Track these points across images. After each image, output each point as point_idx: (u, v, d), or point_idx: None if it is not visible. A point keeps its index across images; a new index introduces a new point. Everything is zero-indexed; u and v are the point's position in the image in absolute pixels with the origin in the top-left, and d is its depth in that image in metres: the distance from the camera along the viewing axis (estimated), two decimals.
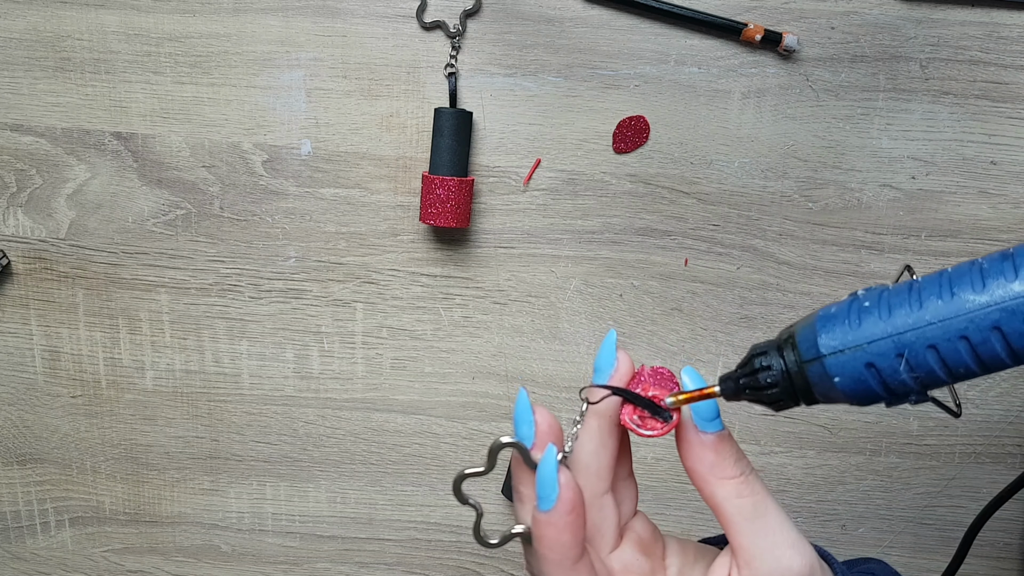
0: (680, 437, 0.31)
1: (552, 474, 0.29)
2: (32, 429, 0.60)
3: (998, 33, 0.51)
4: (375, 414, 0.58)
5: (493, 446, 0.30)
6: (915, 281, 0.27)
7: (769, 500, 0.30)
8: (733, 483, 0.30)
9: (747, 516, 0.30)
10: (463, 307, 0.56)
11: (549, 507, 0.29)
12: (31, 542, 0.62)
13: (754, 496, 0.30)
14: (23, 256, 0.56)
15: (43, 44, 0.53)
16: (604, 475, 0.32)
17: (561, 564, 0.29)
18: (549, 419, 0.31)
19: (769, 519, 0.30)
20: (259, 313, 0.57)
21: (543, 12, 0.51)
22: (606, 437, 0.31)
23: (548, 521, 0.29)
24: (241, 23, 0.52)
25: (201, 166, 0.54)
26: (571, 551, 0.29)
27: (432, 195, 0.51)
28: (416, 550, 0.61)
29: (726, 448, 0.30)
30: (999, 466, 0.58)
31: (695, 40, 0.51)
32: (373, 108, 0.53)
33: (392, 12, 0.52)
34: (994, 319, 0.25)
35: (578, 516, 0.29)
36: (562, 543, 0.29)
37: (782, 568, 0.29)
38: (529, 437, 0.31)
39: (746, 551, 0.30)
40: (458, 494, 0.31)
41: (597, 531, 0.32)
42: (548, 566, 0.29)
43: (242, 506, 0.60)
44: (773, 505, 0.30)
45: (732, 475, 0.30)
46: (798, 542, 0.30)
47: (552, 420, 0.31)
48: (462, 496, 0.31)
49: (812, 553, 0.30)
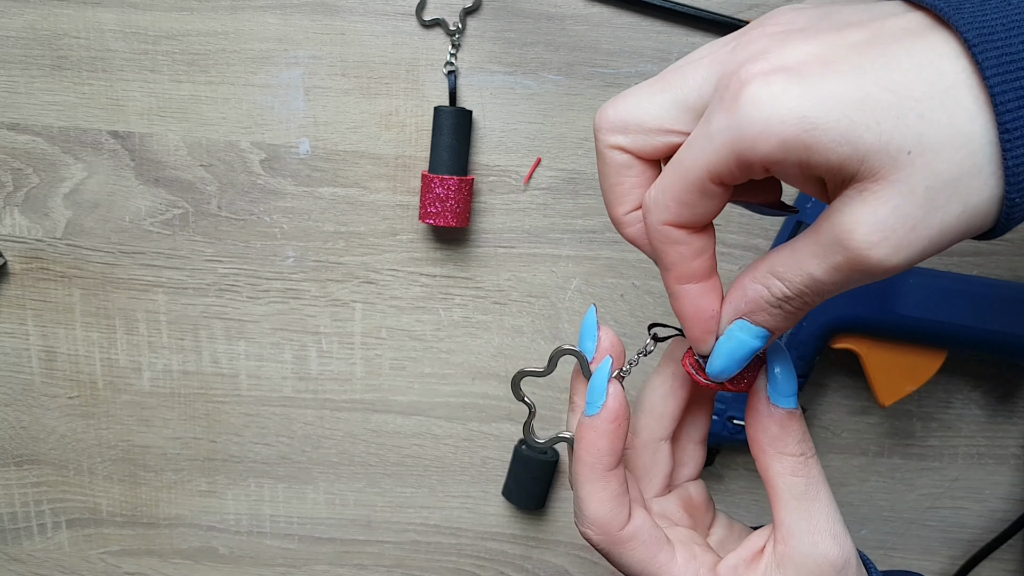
0: (750, 404, 0.31)
1: (603, 383, 0.30)
2: (28, 430, 0.59)
3: None
4: (374, 415, 0.58)
5: (555, 352, 0.32)
6: None
7: (823, 487, 0.30)
8: (791, 460, 0.30)
9: (796, 495, 0.30)
10: (463, 307, 0.56)
11: (594, 413, 0.30)
12: (28, 544, 0.61)
13: (808, 478, 0.30)
14: (19, 256, 0.56)
15: (40, 42, 0.52)
16: (666, 422, 0.33)
17: (593, 468, 0.30)
18: (612, 338, 0.32)
19: (818, 504, 0.30)
20: (257, 313, 0.56)
21: (543, 10, 0.51)
22: (677, 387, 0.33)
23: (590, 425, 0.30)
24: (239, 21, 0.52)
25: (199, 165, 0.54)
26: (606, 458, 0.30)
27: (432, 194, 0.51)
28: (415, 552, 0.60)
29: (793, 425, 0.30)
30: (1002, 467, 0.57)
31: (697, 38, 0.51)
32: (372, 106, 0.53)
33: (391, 10, 0.51)
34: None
35: (619, 427, 0.30)
36: (599, 448, 0.30)
37: (818, 554, 0.29)
38: (591, 351, 0.31)
39: (787, 528, 0.30)
40: (516, 391, 0.33)
41: (646, 473, 0.34)
42: (582, 468, 0.30)
43: (240, 508, 0.60)
44: (825, 493, 0.30)
45: (792, 453, 0.30)
46: (841, 535, 0.30)
47: (615, 339, 0.32)
48: (519, 393, 0.33)
49: (852, 549, 0.30)
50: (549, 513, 0.60)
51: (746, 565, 0.31)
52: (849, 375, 0.56)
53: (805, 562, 0.29)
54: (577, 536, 0.60)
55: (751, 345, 0.28)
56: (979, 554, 0.57)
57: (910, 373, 0.51)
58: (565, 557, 0.60)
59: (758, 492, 0.59)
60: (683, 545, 0.31)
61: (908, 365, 0.51)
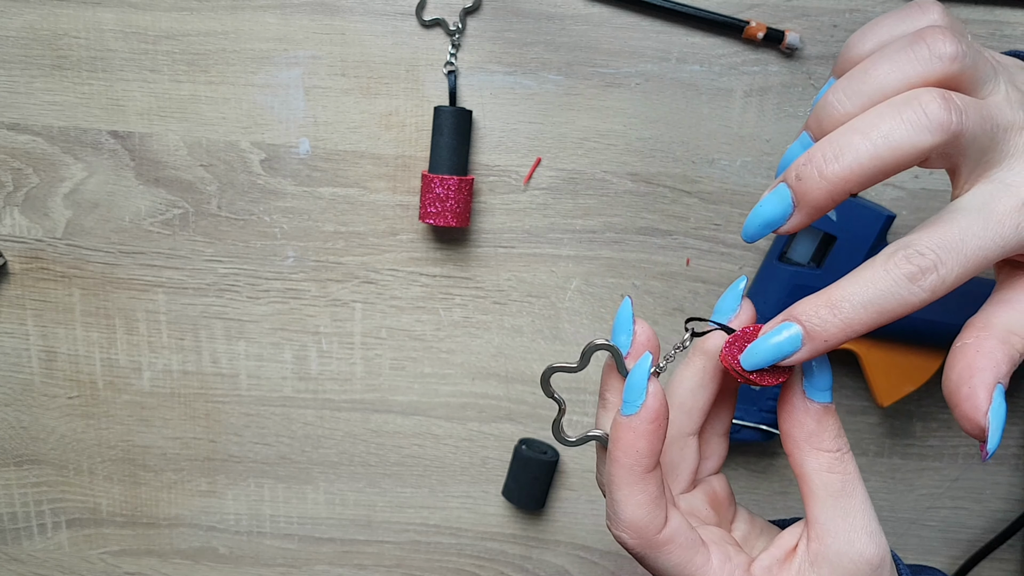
0: (784, 399, 0.31)
1: (642, 381, 0.29)
2: (28, 430, 0.59)
3: (1001, 31, 0.50)
4: (374, 415, 0.58)
5: (587, 347, 0.30)
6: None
7: (858, 484, 0.30)
8: (827, 456, 0.30)
9: (832, 492, 0.29)
10: (463, 307, 0.56)
11: (633, 412, 0.29)
12: (27, 544, 0.61)
13: (845, 475, 0.30)
14: (19, 256, 0.56)
15: (39, 42, 0.52)
16: (695, 416, 0.33)
17: (632, 471, 0.29)
18: (648, 332, 0.31)
19: (854, 501, 0.30)
20: (257, 313, 0.56)
21: (543, 10, 0.51)
22: (708, 380, 0.32)
23: (628, 425, 0.29)
24: (239, 20, 0.52)
25: (199, 165, 0.54)
26: (645, 459, 0.29)
27: (432, 194, 0.51)
28: (415, 552, 0.60)
29: (829, 420, 0.30)
30: (1002, 467, 0.57)
31: (697, 38, 0.51)
32: (372, 106, 0.53)
33: (391, 10, 0.51)
34: None
35: (659, 427, 0.29)
36: (637, 450, 0.29)
37: (854, 552, 0.29)
38: (626, 345, 0.31)
39: (822, 527, 0.29)
40: (545, 387, 0.31)
41: (673, 468, 0.33)
42: (619, 470, 0.29)
43: (240, 508, 0.60)
44: (861, 490, 0.30)
45: (828, 448, 0.30)
46: (876, 533, 0.29)
47: (651, 334, 0.31)
48: (549, 389, 0.31)
49: (887, 548, 0.30)
50: (549, 513, 0.60)
51: (779, 565, 0.30)
52: (848, 375, 0.56)
53: (841, 561, 0.29)
54: (577, 536, 0.60)
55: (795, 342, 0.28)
56: (979, 554, 0.57)
57: (909, 374, 0.51)
58: (565, 557, 0.60)
59: (759, 492, 0.59)
60: (717, 546, 0.31)
61: (907, 366, 0.51)
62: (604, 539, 0.60)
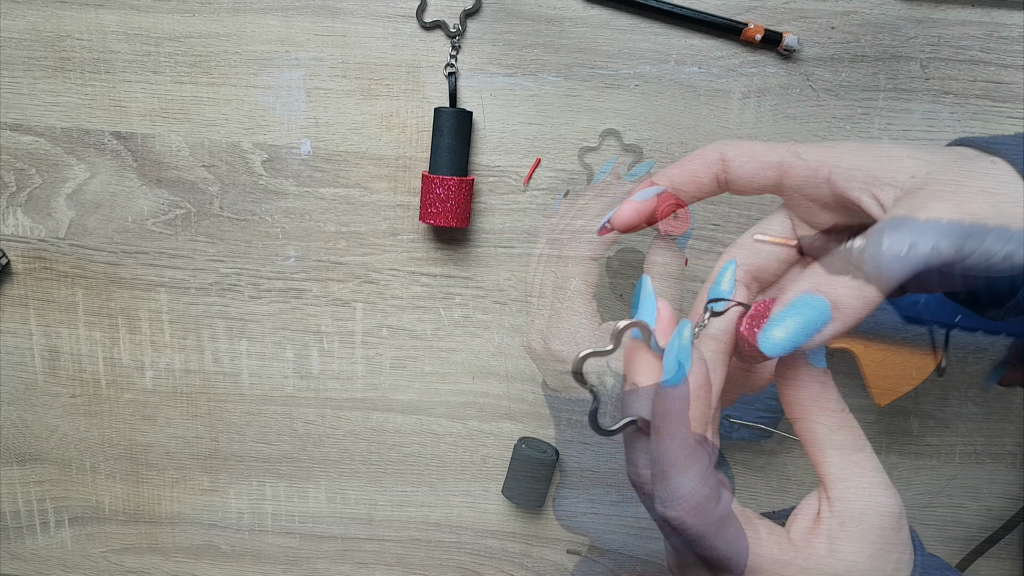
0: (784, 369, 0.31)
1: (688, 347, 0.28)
2: (32, 428, 0.60)
3: (998, 33, 0.51)
4: (375, 414, 0.58)
5: (617, 328, 0.29)
6: None
7: (866, 441, 0.30)
8: (835, 416, 0.30)
9: (845, 449, 0.30)
10: (463, 307, 0.56)
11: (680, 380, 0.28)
12: (31, 541, 0.62)
13: (853, 432, 0.30)
14: (23, 256, 0.56)
15: (43, 44, 0.53)
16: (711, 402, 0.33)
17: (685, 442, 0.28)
18: (671, 308, 0.30)
19: (866, 456, 0.30)
20: (259, 312, 0.57)
21: (543, 12, 0.51)
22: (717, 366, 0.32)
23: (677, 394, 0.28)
24: (241, 23, 0.52)
25: (201, 166, 0.54)
26: (699, 426, 0.28)
27: (432, 195, 0.51)
28: (416, 550, 0.61)
29: (830, 383, 0.31)
30: (999, 465, 0.58)
31: (695, 40, 0.51)
32: (373, 108, 0.53)
33: (392, 12, 0.52)
34: None
35: (708, 392, 0.28)
36: (692, 417, 0.28)
37: (877, 503, 0.29)
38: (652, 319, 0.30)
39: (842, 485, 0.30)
40: (578, 376, 0.29)
41: None
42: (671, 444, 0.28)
43: (241, 506, 0.60)
44: (869, 446, 0.30)
45: (835, 408, 0.30)
46: (890, 485, 0.30)
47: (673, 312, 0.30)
48: (582, 378, 0.29)
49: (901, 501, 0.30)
50: (549, 511, 0.60)
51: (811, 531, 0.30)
52: (846, 374, 0.56)
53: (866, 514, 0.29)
54: (577, 535, 0.60)
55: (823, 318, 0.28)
56: (976, 551, 0.57)
57: (906, 374, 0.51)
58: (565, 554, 0.61)
59: (756, 490, 0.59)
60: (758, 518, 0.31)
61: (904, 365, 0.51)
62: (604, 537, 0.60)
